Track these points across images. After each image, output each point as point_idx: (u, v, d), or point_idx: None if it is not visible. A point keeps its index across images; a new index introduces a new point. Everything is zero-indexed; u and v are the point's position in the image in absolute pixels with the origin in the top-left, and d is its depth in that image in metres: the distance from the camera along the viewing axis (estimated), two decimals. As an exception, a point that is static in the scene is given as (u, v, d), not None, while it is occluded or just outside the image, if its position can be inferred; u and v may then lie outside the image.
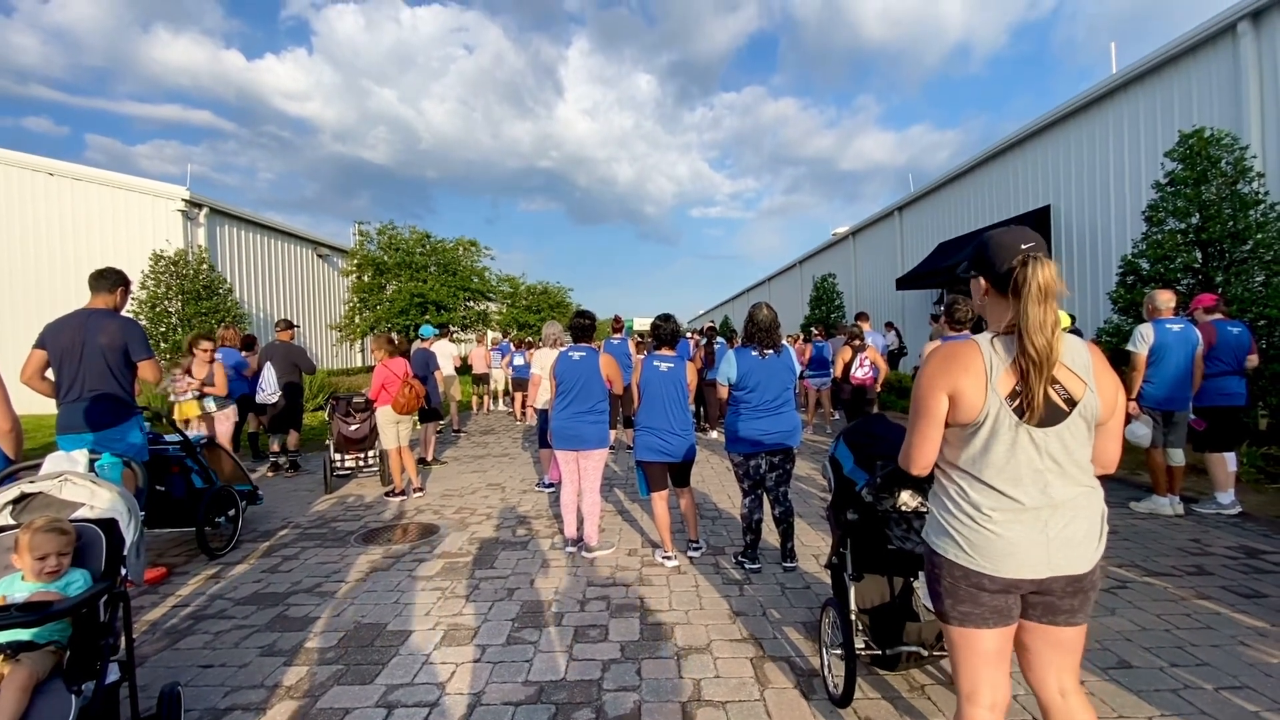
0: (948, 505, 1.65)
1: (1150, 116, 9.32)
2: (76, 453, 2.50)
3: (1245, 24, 7.76)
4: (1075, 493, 1.57)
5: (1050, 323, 1.51)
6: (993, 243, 1.65)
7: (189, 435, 4.62)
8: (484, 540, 4.74)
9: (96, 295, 3.93)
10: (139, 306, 11.77)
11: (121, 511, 2.32)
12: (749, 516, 3.99)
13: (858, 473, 2.53)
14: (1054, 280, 1.53)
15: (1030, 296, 1.51)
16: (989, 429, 1.56)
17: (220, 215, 14.75)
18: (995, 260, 1.62)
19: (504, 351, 13.29)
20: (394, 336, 6.39)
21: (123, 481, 2.60)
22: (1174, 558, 4.13)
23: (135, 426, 3.96)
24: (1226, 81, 8.11)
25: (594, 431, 4.29)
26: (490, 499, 5.99)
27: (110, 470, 2.52)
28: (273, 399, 7.10)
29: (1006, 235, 1.65)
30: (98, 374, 3.80)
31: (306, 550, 4.62)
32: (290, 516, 5.52)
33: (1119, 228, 9.82)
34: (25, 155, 13.47)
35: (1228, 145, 6.83)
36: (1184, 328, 4.96)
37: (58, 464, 2.42)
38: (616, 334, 8.80)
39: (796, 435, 3.95)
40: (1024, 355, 1.51)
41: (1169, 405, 4.99)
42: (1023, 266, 1.54)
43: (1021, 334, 1.51)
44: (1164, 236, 7.02)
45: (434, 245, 18.83)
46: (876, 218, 19.36)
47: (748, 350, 3.96)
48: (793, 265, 28.30)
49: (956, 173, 14.55)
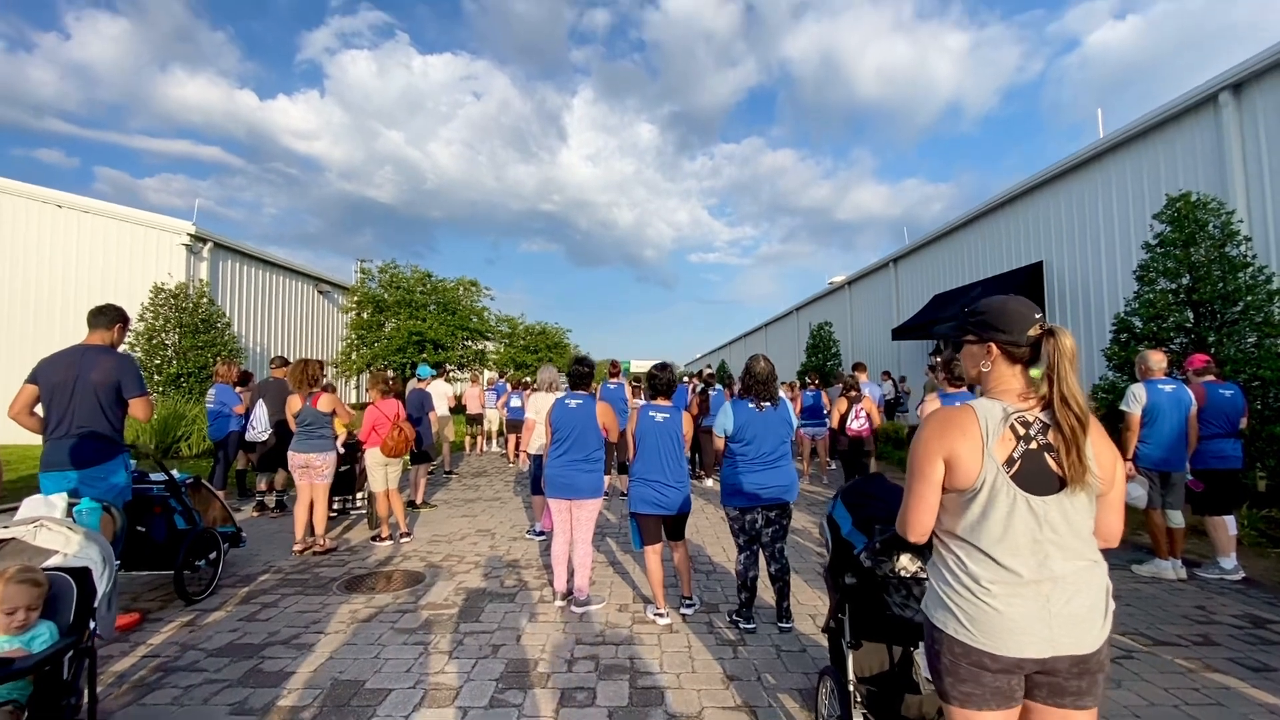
0: (946, 577, 1.61)
1: (1138, 179, 9.59)
2: (55, 497, 2.43)
3: (1226, 95, 8.06)
4: (1077, 566, 1.53)
5: (1080, 391, 1.54)
6: (1003, 310, 1.66)
7: (174, 475, 4.53)
8: (471, 591, 4.60)
9: (94, 331, 3.92)
10: (135, 338, 11.76)
11: (96, 560, 2.24)
12: (744, 574, 3.89)
13: (856, 535, 2.47)
14: (1075, 348, 1.59)
15: (1066, 364, 1.55)
16: (986, 495, 1.54)
17: (224, 250, 14.91)
18: (1010, 328, 1.63)
19: (499, 392, 13.21)
20: (389, 377, 6.35)
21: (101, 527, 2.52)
22: (1179, 626, 4.03)
23: (120, 465, 3.89)
24: (1210, 148, 8.38)
25: (588, 481, 4.22)
26: (479, 546, 5.85)
27: (89, 516, 2.45)
28: (263, 437, 7.02)
29: (1014, 303, 1.66)
30: (88, 411, 3.76)
31: (286, 598, 4.47)
32: (272, 560, 5.37)
33: (1110, 285, 9.98)
34: (35, 187, 13.68)
35: (1214, 209, 7.01)
36: (1177, 388, 4.97)
37: (34, 508, 2.35)
38: (614, 379, 8.79)
39: (793, 490, 3.89)
40: (1063, 422, 1.52)
41: (1165, 466, 4.96)
42: (1050, 336, 1.58)
43: (1065, 400, 1.53)
44: (1155, 296, 7.12)
45: (434, 284, 18.97)
46: (872, 268, 19.65)
47: (745, 402, 3.93)
48: (790, 312, 28.56)
49: (951, 227, 14.85)
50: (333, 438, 5.68)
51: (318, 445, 5.54)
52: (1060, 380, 1.54)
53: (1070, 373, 1.54)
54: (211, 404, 7.26)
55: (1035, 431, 1.56)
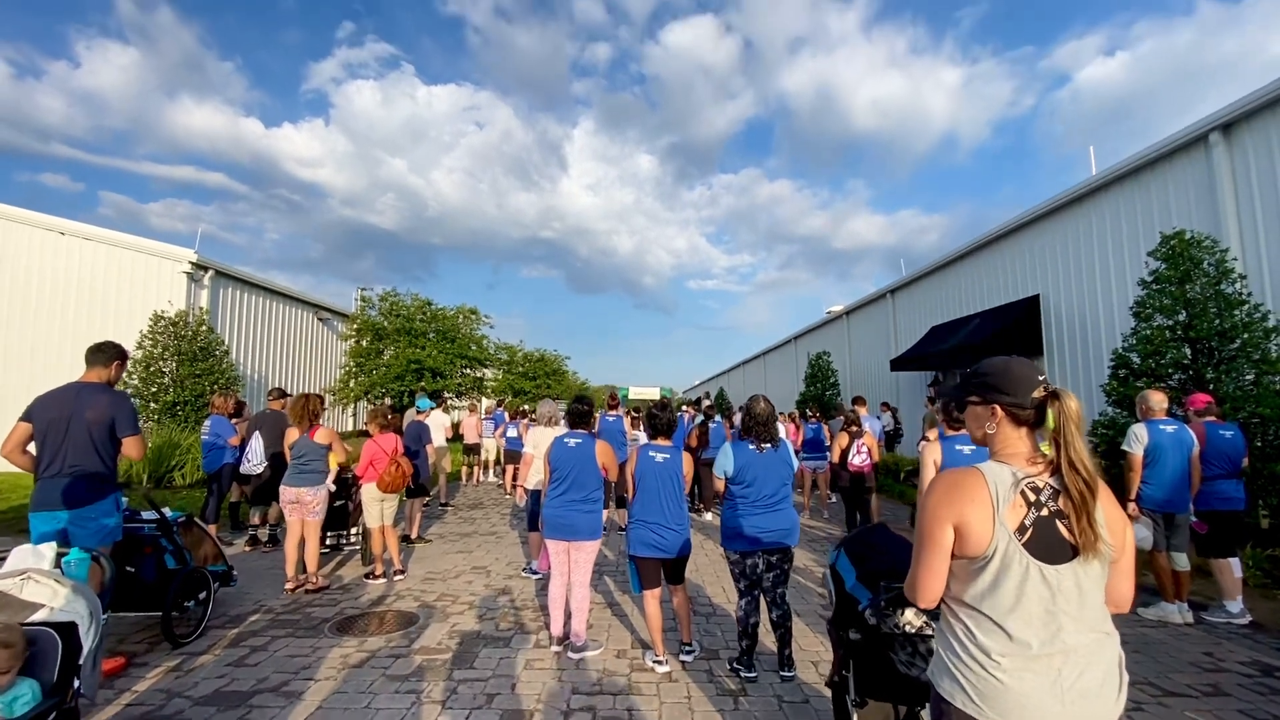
0: (954, 646, 1.57)
1: (1131, 216, 9.72)
2: (44, 546, 2.39)
3: (1216, 135, 8.22)
4: (1089, 639, 1.49)
5: (1089, 456, 1.52)
6: (1006, 372, 1.64)
7: (166, 513, 4.47)
8: (465, 634, 4.50)
9: (91, 368, 3.90)
10: (133, 365, 11.72)
11: (82, 615, 2.19)
12: (745, 620, 3.82)
13: (860, 590, 2.43)
14: (1081, 410, 1.58)
15: (1072, 428, 1.54)
16: (998, 564, 1.49)
17: (225, 277, 14.97)
18: (1015, 390, 1.61)
19: (497, 421, 13.14)
20: (388, 411, 6.32)
21: (89, 578, 2.47)
22: (1188, 674, 3.94)
23: (112, 505, 3.83)
24: (1202, 186, 8.51)
25: (587, 522, 4.16)
26: (474, 584, 5.75)
27: (78, 566, 2.40)
28: (258, 469, 6.94)
29: (1016, 365, 1.65)
30: (81, 450, 3.72)
31: (276, 640, 4.37)
32: (263, 599, 5.26)
33: (1108, 319, 10.03)
34: (37, 214, 13.77)
35: (1208, 247, 7.08)
36: (1178, 429, 4.95)
37: (23, 559, 2.31)
38: (612, 411, 8.74)
39: (795, 534, 3.84)
40: (1072, 488, 1.50)
41: (1169, 507, 4.91)
42: (1055, 399, 1.56)
43: (1073, 465, 1.51)
44: (1153, 332, 7.15)
45: (434, 312, 19.03)
46: (870, 299, 19.76)
47: (745, 443, 3.90)
48: (788, 341, 28.62)
49: (948, 259, 14.99)
50: (325, 472, 5.62)
51: (310, 480, 5.48)
52: (1067, 445, 1.52)
53: (1077, 437, 1.53)
54: (206, 435, 7.19)
55: (1046, 498, 1.53)
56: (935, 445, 3.89)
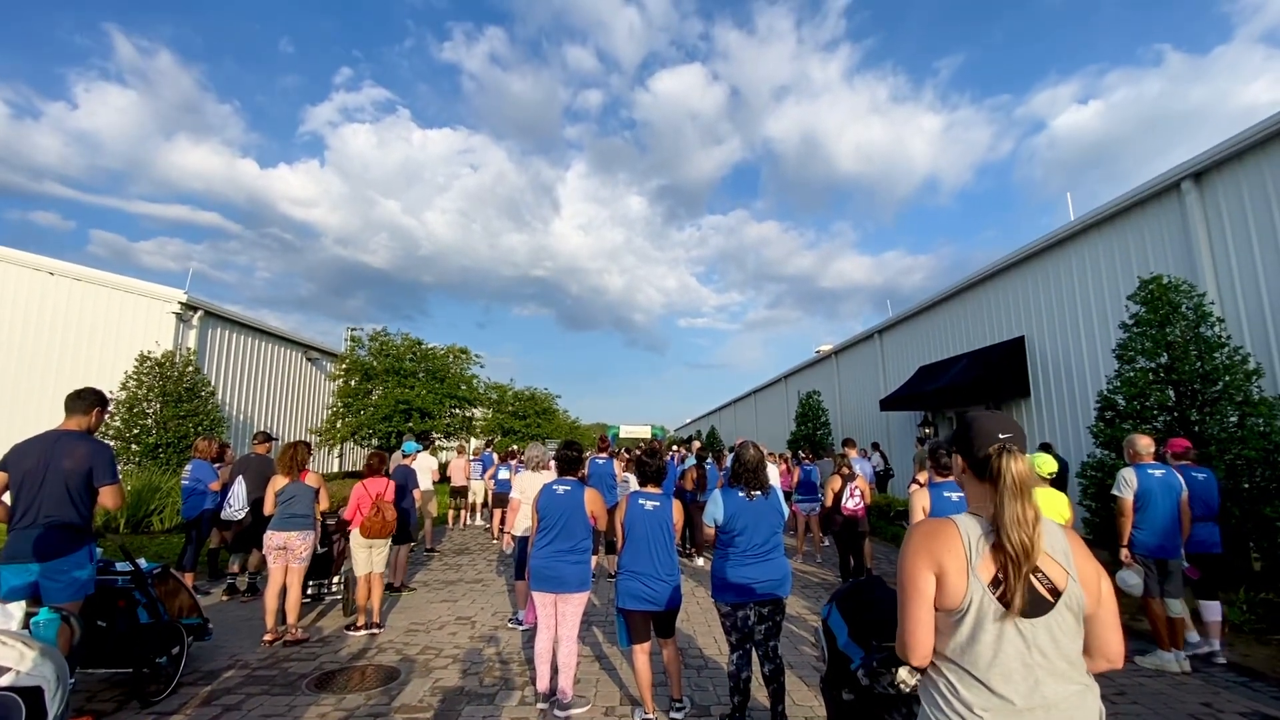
0: (938, 702, 1.55)
1: (1110, 259, 9.97)
2: (13, 606, 2.31)
3: (1189, 183, 8.51)
4: (1069, 691, 1.47)
5: (1030, 519, 1.50)
6: (974, 425, 1.67)
7: (141, 564, 4.34)
8: (447, 691, 4.35)
9: (71, 416, 3.83)
10: (116, 406, 11.55)
11: (49, 679, 2.10)
12: (737, 675, 3.72)
13: (852, 648, 2.38)
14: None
15: (1006, 491, 1.52)
16: (974, 617, 1.49)
17: (214, 317, 14.91)
18: (973, 444, 1.63)
19: (486, 463, 12.99)
20: (382, 454, 6.25)
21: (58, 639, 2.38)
22: (1189, 728, 3.87)
23: (85, 557, 3.72)
24: (1177, 232, 8.78)
25: (575, 573, 4.08)
26: (459, 636, 5.58)
27: (46, 628, 2.32)
28: (239, 515, 6.78)
29: (988, 421, 1.66)
30: (56, 500, 3.62)
31: (251, 698, 4.20)
32: (239, 653, 5.07)
33: (1091, 360, 10.18)
34: (27, 254, 13.71)
35: (1186, 291, 7.25)
36: (1166, 473, 4.98)
37: (-12, 621, 2.23)
38: (601, 454, 8.67)
39: (786, 585, 3.78)
40: (1002, 550, 1.49)
41: (1161, 553, 4.89)
42: (997, 457, 1.56)
43: (999, 529, 1.50)
44: (1136, 374, 7.25)
45: (424, 352, 18.99)
46: (858, 339, 19.99)
47: (735, 491, 3.87)
48: (778, 379, 28.77)
49: (934, 300, 15.25)
50: (314, 518, 5.53)
51: (298, 524, 5.38)
52: (999, 506, 1.51)
53: (1012, 500, 1.50)
54: (186, 480, 7.03)
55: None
56: (924, 492, 3.88)
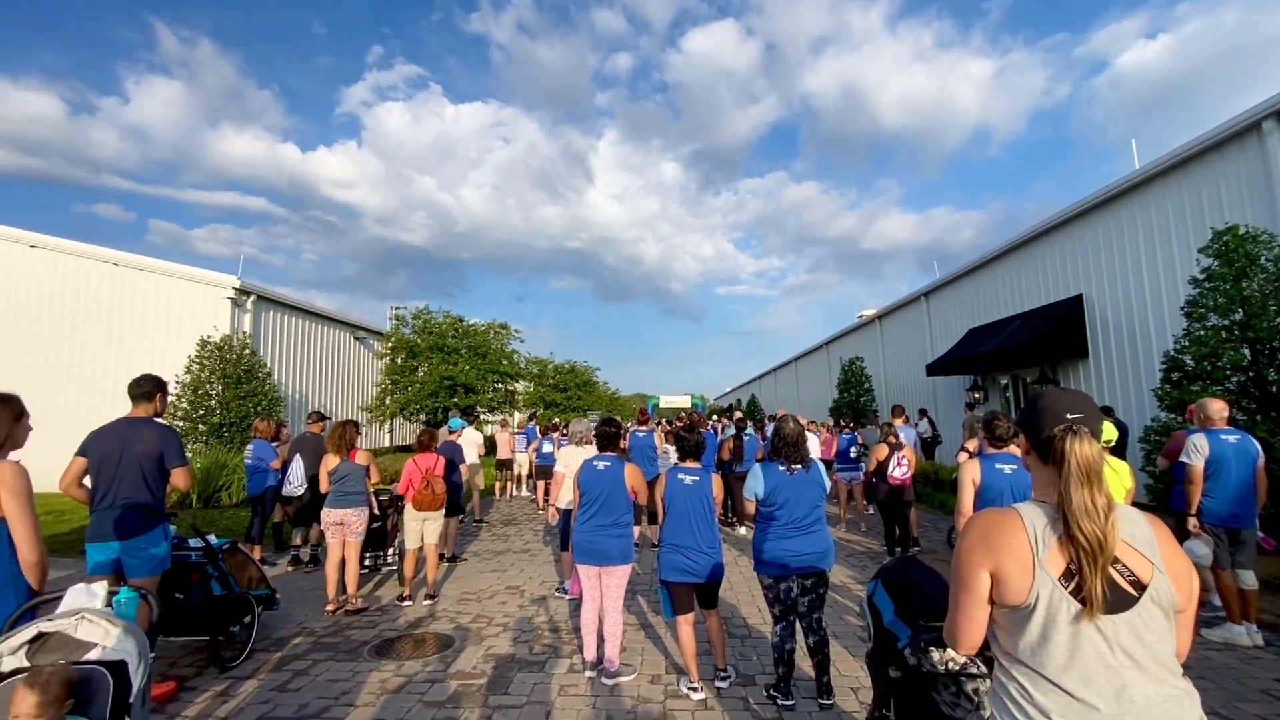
0: (1010, 709, 1.43)
1: (1179, 209, 9.29)
2: (97, 585, 2.48)
3: (1271, 122, 7.80)
4: (1163, 694, 1.32)
5: (1101, 506, 1.36)
6: (1041, 403, 1.54)
7: (211, 540, 4.61)
8: (499, 658, 4.52)
9: (137, 404, 4.05)
10: (182, 389, 12.21)
11: (132, 654, 2.26)
12: (780, 646, 3.74)
13: (899, 625, 2.35)
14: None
15: (1071, 476, 1.39)
16: (1043, 614, 1.37)
17: (266, 301, 15.50)
18: (1038, 423, 1.50)
19: (529, 436, 13.25)
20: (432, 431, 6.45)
21: (138, 617, 2.56)
22: (1259, 703, 3.71)
23: (161, 534, 3.97)
24: (1257, 178, 8.08)
25: (618, 546, 4.14)
26: (508, 605, 5.78)
27: (127, 605, 2.49)
28: (298, 492, 7.12)
29: (1056, 399, 1.52)
30: (132, 482, 3.87)
31: (318, 664, 4.45)
32: (305, 621, 5.38)
33: (1157, 319, 9.60)
34: (93, 246, 14.51)
35: (1265, 242, 6.72)
36: (1241, 439, 4.69)
37: (77, 599, 2.40)
38: (642, 426, 8.71)
39: (829, 557, 3.75)
40: (1073, 542, 1.37)
41: (1234, 522, 4.64)
42: (1062, 438, 1.43)
43: (1067, 519, 1.38)
44: (1207, 333, 6.82)
45: (465, 329, 19.35)
46: (903, 302, 19.34)
47: (776, 465, 3.83)
48: (820, 346, 28.22)
49: (984, 259, 14.58)
50: (367, 493, 5.78)
51: (353, 501, 5.63)
52: (1064, 493, 1.39)
53: (1078, 489, 1.38)
54: (249, 459, 7.43)
55: None
56: (974, 464, 3.75)
